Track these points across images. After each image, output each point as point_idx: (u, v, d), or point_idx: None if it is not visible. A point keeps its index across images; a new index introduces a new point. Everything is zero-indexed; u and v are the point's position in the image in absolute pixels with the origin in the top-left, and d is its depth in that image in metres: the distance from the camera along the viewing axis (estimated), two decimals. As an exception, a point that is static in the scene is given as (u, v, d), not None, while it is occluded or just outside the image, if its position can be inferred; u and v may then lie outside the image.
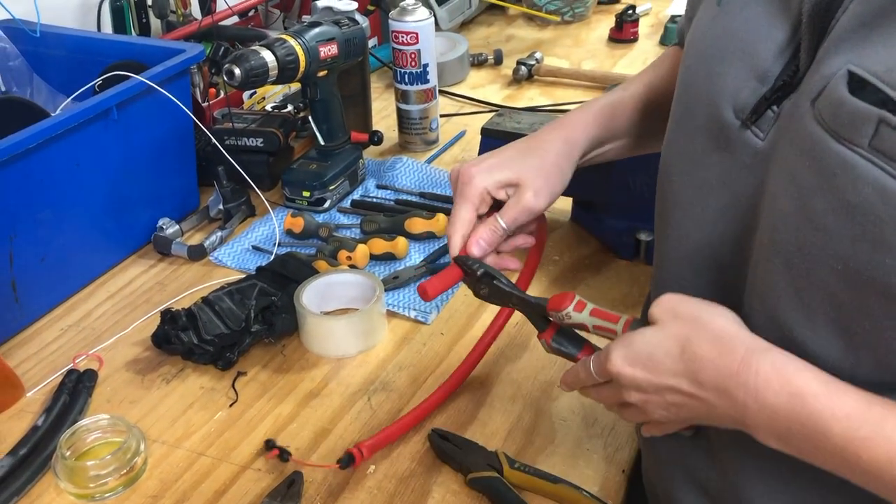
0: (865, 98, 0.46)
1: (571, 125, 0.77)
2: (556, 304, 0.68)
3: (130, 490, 0.78)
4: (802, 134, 0.51)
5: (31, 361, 0.95)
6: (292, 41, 1.10)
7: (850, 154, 0.47)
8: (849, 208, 0.48)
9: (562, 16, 1.84)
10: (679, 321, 0.58)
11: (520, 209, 0.72)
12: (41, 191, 0.97)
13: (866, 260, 0.48)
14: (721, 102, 0.58)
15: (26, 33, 1.18)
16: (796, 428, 0.51)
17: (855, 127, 0.47)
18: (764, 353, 0.54)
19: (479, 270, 0.72)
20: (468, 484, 0.76)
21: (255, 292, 0.96)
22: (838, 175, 0.48)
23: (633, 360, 0.59)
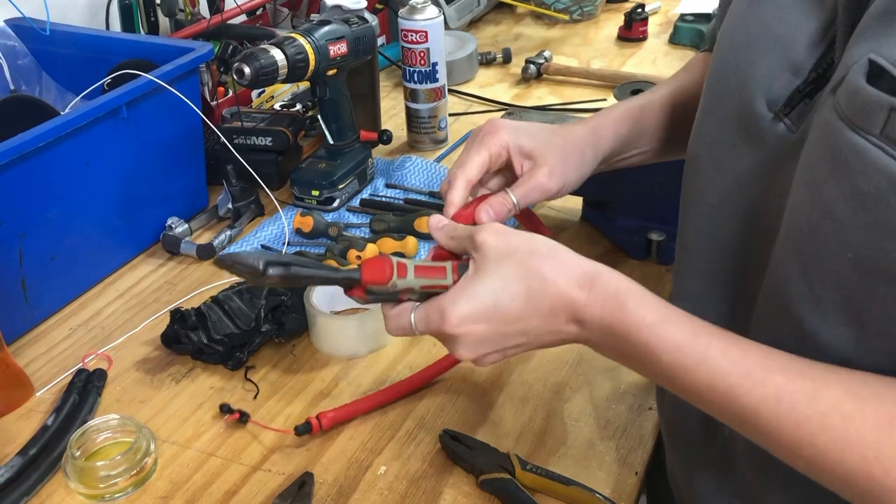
0: (881, 87, 0.46)
1: (600, 120, 0.76)
2: (374, 276, 0.60)
3: (140, 490, 0.78)
4: (821, 124, 0.51)
5: (40, 361, 0.95)
6: (302, 40, 1.10)
7: (863, 142, 0.47)
8: (860, 196, 0.48)
9: (570, 14, 1.84)
10: (512, 256, 0.57)
11: (531, 186, 0.70)
12: (51, 189, 0.97)
13: (877, 248, 0.48)
14: (753, 94, 0.57)
15: (35, 31, 1.18)
16: (632, 353, 0.55)
17: (868, 115, 0.47)
18: (604, 279, 0.56)
19: (260, 262, 0.58)
20: (480, 485, 0.76)
21: (265, 291, 0.96)
22: (850, 163, 0.48)
23: (472, 316, 0.57)
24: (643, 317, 0.54)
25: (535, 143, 0.70)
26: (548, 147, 0.71)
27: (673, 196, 0.71)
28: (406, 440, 0.82)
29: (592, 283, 0.56)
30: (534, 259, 0.57)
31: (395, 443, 0.82)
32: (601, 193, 1.10)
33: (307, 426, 0.81)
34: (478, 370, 0.90)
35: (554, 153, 0.70)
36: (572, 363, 0.91)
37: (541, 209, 1.18)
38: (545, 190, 0.70)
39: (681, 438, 0.71)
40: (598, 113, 0.78)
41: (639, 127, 0.77)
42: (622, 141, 0.76)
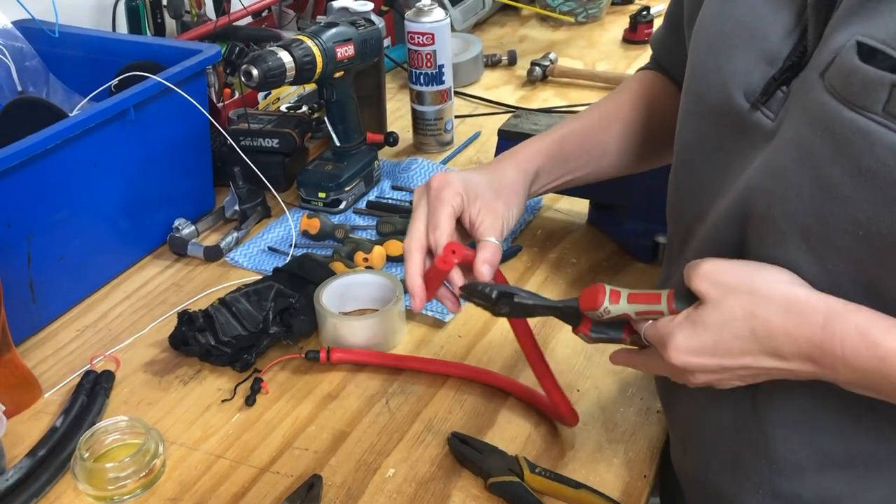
0: (877, 65, 0.48)
1: (518, 155, 0.78)
2: (588, 302, 0.63)
3: (149, 492, 0.78)
4: (813, 106, 0.52)
5: (48, 362, 0.95)
6: (309, 42, 1.10)
7: (865, 121, 0.48)
8: (867, 174, 0.49)
9: (575, 16, 1.84)
10: (735, 295, 0.55)
11: (496, 219, 0.71)
12: (59, 191, 0.97)
13: (888, 222, 0.49)
14: (732, 88, 0.59)
15: (43, 33, 1.18)
16: (886, 385, 0.52)
17: (868, 93, 0.48)
18: (845, 316, 0.52)
19: (493, 293, 0.67)
20: (489, 488, 0.76)
21: (273, 293, 0.96)
22: (854, 142, 0.49)
23: (699, 350, 0.56)
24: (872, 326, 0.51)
25: (477, 183, 0.72)
26: (490, 185, 0.73)
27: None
28: (414, 443, 0.82)
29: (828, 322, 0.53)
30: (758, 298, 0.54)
31: (404, 445, 0.82)
32: (608, 196, 1.10)
33: (316, 354, 0.90)
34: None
35: (497, 189, 0.73)
36: (580, 366, 0.91)
37: (547, 211, 1.18)
38: (510, 220, 0.72)
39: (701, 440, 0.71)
40: (523, 144, 0.80)
41: (561, 157, 0.80)
42: (544, 173, 0.79)
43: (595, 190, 1.11)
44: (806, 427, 0.62)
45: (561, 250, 1.10)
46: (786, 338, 0.53)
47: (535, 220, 1.16)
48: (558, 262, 1.08)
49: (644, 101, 0.83)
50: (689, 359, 0.56)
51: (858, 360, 0.51)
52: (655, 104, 0.83)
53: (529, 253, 1.09)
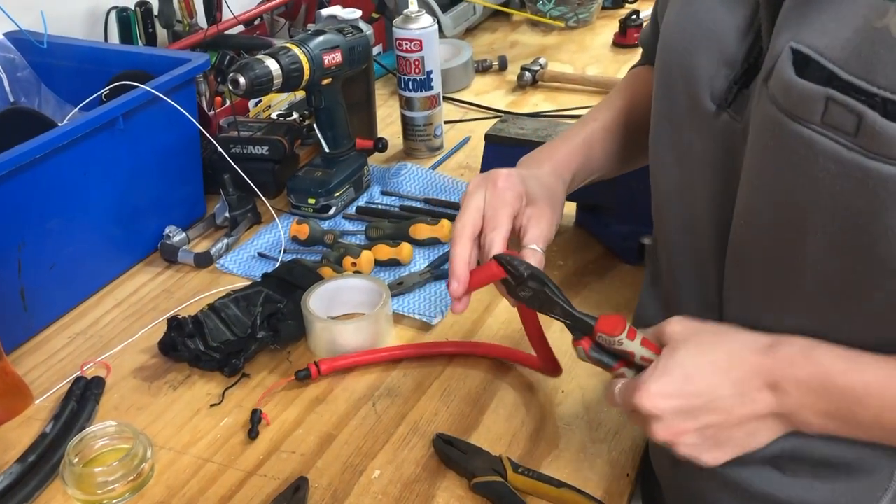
0: (811, 76, 0.48)
1: (559, 160, 0.78)
2: (607, 328, 0.64)
3: (138, 496, 0.79)
4: (762, 114, 0.53)
5: (39, 369, 0.96)
6: (296, 50, 1.11)
7: (807, 131, 0.49)
8: (815, 182, 0.50)
9: (566, 21, 1.85)
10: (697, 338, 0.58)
11: (543, 227, 0.71)
12: (49, 200, 0.98)
13: (842, 227, 0.50)
14: (698, 91, 0.60)
15: (34, 44, 1.19)
16: (833, 407, 0.53)
17: (806, 106, 0.49)
18: (786, 340, 0.55)
19: (527, 272, 0.67)
20: (472, 488, 0.77)
21: (261, 299, 0.97)
22: (799, 151, 0.50)
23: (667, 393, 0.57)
24: (834, 364, 0.54)
25: (537, 193, 0.71)
26: (541, 195, 0.72)
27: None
28: (400, 444, 0.83)
29: (775, 345, 0.56)
30: (717, 335, 0.58)
31: (390, 447, 0.82)
32: (595, 199, 1.11)
33: (307, 372, 0.90)
34: (471, 375, 0.91)
35: (545, 200, 0.72)
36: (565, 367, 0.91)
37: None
38: (555, 229, 0.72)
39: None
40: (554, 147, 0.79)
41: (588, 157, 0.80)
42: (578, 176, 0.79)
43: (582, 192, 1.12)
44: None
45: (548, 253, 1.08)
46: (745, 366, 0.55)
47: (523, 223, 1.17)
48: (545, 264, 1.08)
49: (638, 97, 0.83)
50: (657, 402, 0.57)
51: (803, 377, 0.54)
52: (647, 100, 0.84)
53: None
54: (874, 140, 0.46)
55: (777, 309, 0.59)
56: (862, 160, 0.47)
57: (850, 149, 0.48)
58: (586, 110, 1.44)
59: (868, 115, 0.46)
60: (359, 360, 0.93)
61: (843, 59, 0.47)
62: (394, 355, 0.93)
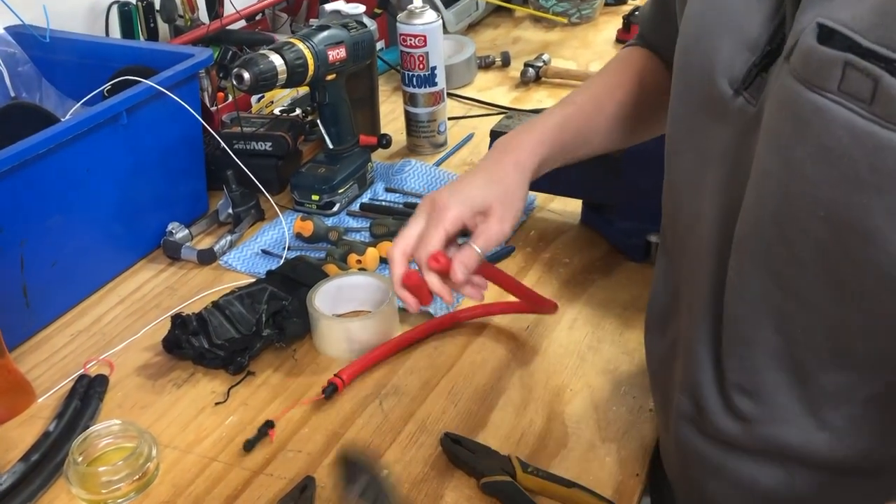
0: (833, 46, 0.48)
1: (520, 148, 0.79)
2: None
3: (143, 495, 0.78)
4: (781, 90, 0.53)
5: (42, 367, 0.95)
6: (301, 45, 1.10)
7: (822, 100, 0.49)
8: (825, 152, 0.50)
9: (569, 17, 1.84)
10: None
11: (489, 236, 0.74)
12: (52, 196, 0.97)
13: (845, 202, 0.50)
14: (716, 76, 0.60)
15: (36, 38, 1.18)
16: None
17: (824, 73, 0.49)
18: None
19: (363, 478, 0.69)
20: (481, 488, 0.76)
21: (266, 296, 0.96)
22: (813, 122, 0.50)
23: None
24: None
25: (482, 201, 0.75)
26: (493, 199, 0.75)
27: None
28: (407, 443, 0.82)
29: None
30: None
31: (397, 446, 0.82)
32: (601, 196, 1.10)
33: (333, 387, 0.87)
34: (479, 374, 0.90)
35: (499, 203, 0.75)
36: (573, 366, 0.91)
37: (541, 212, 1.18)
38: (502, 235, 0.75)
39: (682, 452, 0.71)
40: (518, 135, 0.80)
41: (562, 140, 0.81)
42: (547, 160, 0.80)
43: (587, 190, 1.12)
44: None
45: (554, 250, 1.10)
46: None
47: (528, 220, 1.16)
48: (551, 262, 1.08)
49: (633, 78, 0.84)
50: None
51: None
52: (644, 81, 0.84)
53: (523, 253, 1.09)
54: (890, 106, 0.46)
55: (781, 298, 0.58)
56: (876, 129, 0.47)
57: (864, 117, 0.48)
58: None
59: (885, 79, 0.46)
60: (376, 356, 0.92)
61: (865, 28, 0.47)
62: (403, 343, 0.94)
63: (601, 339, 0.94)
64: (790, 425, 0.61)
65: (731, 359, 0.62)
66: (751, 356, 0.61)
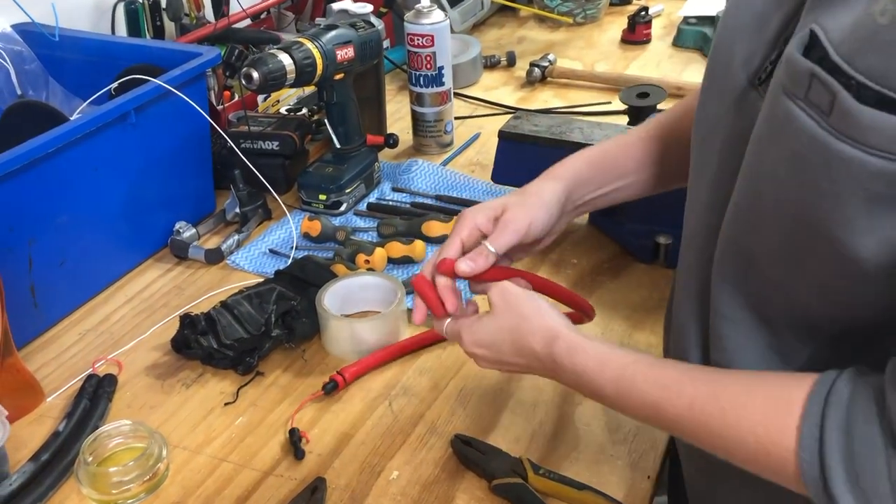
0: (812, 56, 0.50)
1: (561, 167, 0.80)
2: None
3: (153, 496, 0.78)
4: (769, 93, 0.55)
5: (50, 366, 0.95)
6: (309, 44, 1.10)
7: (793, 107, 0.51)
8: (794, 158, 0.52)
9: (574, 17, 1.84)
10: (509, 313, 0.71)
11: (501, 228, 0.75)
12: (60, 195, 0.97)
13: (809, 204, 0.52)
14: (738, 70, 0.61)
15: (42, 36, 1.18)
16: (587, 391, 0.68)
17: (797, 81, 0.51)
18: (557, 340, 0.68)
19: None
20: (492, 490, 0.76)
21: (274, 296, 0.96)
22: (785, 127, 0.52)
23: (480, 345, 0.72)
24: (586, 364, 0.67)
25: (498, 204, 0.77)
26: (509, 202, 0.77)
27: (681, 200, 0.72)
28: (418, 445, 0.82)
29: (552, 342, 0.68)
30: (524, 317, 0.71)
31: (407, 447, 0.82)
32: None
33: (334, 384, 0.88)
34: (488, 375, 0.90)
35: (516, 203, 0.77)
36: (582, 367, 0.91)
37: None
38: (516, 228, 0.75)
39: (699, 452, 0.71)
40: (563, 161, 0.82)
41: (603, 165, 0.81)
42: (583, 179, 0.80)
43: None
44: None
45: (562, 251, 1.10)
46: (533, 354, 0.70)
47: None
48: (559, 262, 1.08)
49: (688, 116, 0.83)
50: (473, 349, 0.73)
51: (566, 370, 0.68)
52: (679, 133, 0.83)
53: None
54: (843, 121, 0.48)
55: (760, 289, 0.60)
56: (830, 140, 0.49)
57: (822, 127, 0.49)
58: (597, 107, 1.46)
59: (841, 94, 0.47)
60: (380, 358, 0.92)
61: (839, 41, 0.49)
62: (410, 346, 0.93)
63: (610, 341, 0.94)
64: None
65: (714, 337, 0.65)
66: (729, 335, 0.63)
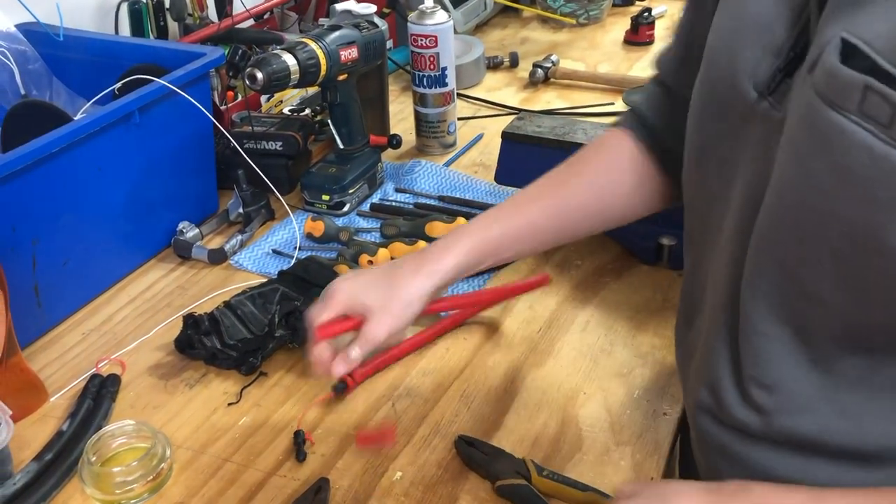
0: (855, 65, 0.49)
1: (436, 258, 0.77)
2: None
3: (157, 496, 0.78)
4: (802, 103, 0.53)
5: (53, 366, 0.95)
6: (313, 45, 1.10)
7: (843, 120, 0.50)
8: (845, 171, 0.51)
9: (577, 18, 1.84)
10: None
11: (362, 340, 0.75)
12: (63, 195, 0.97)
13: (863, 218, 0.51)
14: (741, 79, 0.60)
15: (45, 36, 1.18)
16: None
17: (845, 94, 0.49)
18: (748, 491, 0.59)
19: None
20: (496, 491, 0.76)
21: (278, 296, 0.96)
22: (833, 141, 0.51)
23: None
24: None
25: (365, 299, 0.75)
26: (373, 303, 0.75)
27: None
28: (421, 446, 0.82)
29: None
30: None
31: (411, 448, 0.82)
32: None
33: (343, 385, 0.88)
34: (491, 376, 0.90)
35: (379, 307, 0.75)
36: (586, 369, 0.91)
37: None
38: (373, 340, 0.74)
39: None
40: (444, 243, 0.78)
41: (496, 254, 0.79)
42: (469, 267, 0.78)
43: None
44: None
45: (565, 252, 1.10)
46: None
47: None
48: (562, 263, 1.08)
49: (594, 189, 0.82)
50: None
51: None
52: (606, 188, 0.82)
53: (533, 255, 1.09)
54: None
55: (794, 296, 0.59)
56: (894, 153, 0.48)
57: (882, 140, 0.48)
58: (600, 107, 1.46)
59: None
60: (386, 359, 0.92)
61: (887, 49, 0.47)
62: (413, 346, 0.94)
63: (613, 343, 0.94)
64: (808, 414, 0.62)
65: (747, 352, 0.63)
66: (766, 349, 0.62)
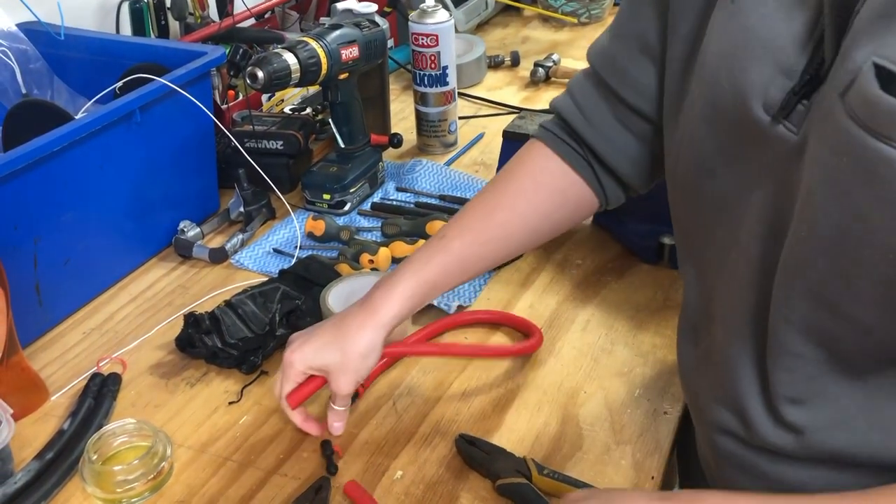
0: (893, 91, 0.46)
1: (380, 308, 0.77)
2: None
3: (157, 495, 0.78)
4: (836, 130, 0.51)
5: (54, 365, 0.95)
6: (314, 44, 1.10)
7: (891, 150, 0.47)
8: (891, 202, 0.48)
9: (578, 17, 1.84)
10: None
11: (336, 397, 0.77)
12: (65, 193, 0.97)
13: None
14: (749, 100, 0.58)
15: (46, 35, 1.18)
16: None
17: (892, 124, 0.47)
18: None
19: None
20: (497, 490, 0.76)
21: (279, 295, 0.96)
22: (880, 171, 0.48)
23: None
24: None
25: (322, 361, 0.77)
26: (334, 362, 0.76)
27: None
28: (422, 444, 0.82)
29: None
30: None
31: (412, 447, 0.82)
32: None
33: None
34: (492, 375, 0.90)
35: (336, 366, 0.76)
36: (587, 368, 0.91)
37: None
38: (344, 394, 0.77)
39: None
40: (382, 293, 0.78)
41: (434, 292, 0.80)
42: (410, 310, 0.79)
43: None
44: None
45: (566, 251, 1.10)
46: None
47: (539, 221, 1.16)
48: (563, 262, 1.08)
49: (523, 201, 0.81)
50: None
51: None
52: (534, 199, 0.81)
53: (534, 254, 1.09)
54: None
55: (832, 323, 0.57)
56: None
57: None
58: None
59: None
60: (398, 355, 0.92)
61: None
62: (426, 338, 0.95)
63: (614, 342, 0.94)
64: (844, 429, 0.60)
65: (779, 371, 0.61)
66: (802, 369, 0.60)
